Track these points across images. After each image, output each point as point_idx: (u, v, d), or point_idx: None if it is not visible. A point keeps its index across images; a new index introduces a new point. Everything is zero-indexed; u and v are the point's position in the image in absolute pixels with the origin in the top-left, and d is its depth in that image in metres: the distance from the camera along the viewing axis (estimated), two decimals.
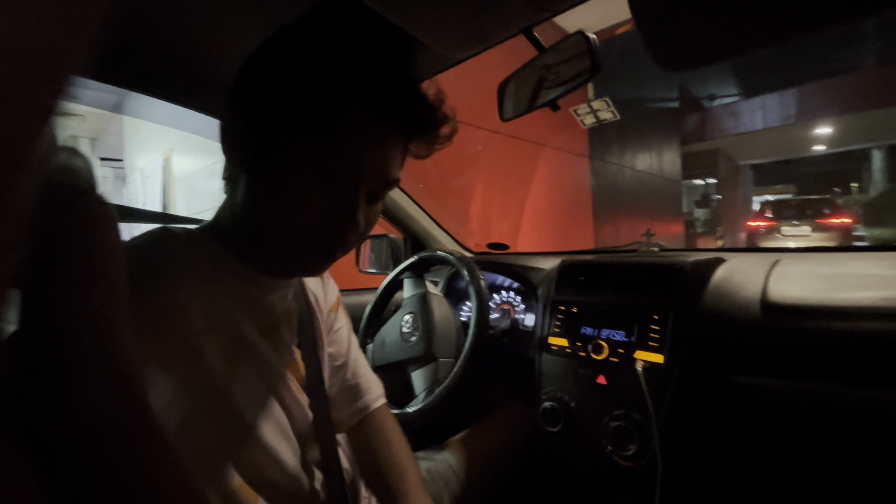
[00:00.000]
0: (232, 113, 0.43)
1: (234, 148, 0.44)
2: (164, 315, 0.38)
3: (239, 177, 0.44)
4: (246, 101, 0.43)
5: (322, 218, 0.42)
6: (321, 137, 0.40)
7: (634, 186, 7.83)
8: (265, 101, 0.41)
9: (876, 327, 0.53)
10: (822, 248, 0.86)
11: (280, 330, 0.50)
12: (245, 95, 0.43)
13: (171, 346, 0.38)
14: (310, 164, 0.40)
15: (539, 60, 0.63)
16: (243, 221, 0.44)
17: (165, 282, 0.38)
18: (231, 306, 0.43)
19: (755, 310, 0.63)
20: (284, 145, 0.41)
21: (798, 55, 14.24)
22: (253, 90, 0.42)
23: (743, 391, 0.59)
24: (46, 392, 0.22)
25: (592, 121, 2.39)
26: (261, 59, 0.43)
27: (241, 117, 0.42)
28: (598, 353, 0.73)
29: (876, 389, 0.51)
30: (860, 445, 0.52)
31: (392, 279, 1.00)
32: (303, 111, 0.40)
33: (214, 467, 0.40)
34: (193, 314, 0.39)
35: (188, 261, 0.42)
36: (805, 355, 0.57)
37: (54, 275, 0.22)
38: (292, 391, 0.49)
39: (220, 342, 0.41)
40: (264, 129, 0.41)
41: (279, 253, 0.44)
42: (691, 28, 0.31)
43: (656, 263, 0.75)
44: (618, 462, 0.68)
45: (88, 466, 0.23)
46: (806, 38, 0.29)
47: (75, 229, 0.23)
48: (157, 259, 0.40)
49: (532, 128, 4.87)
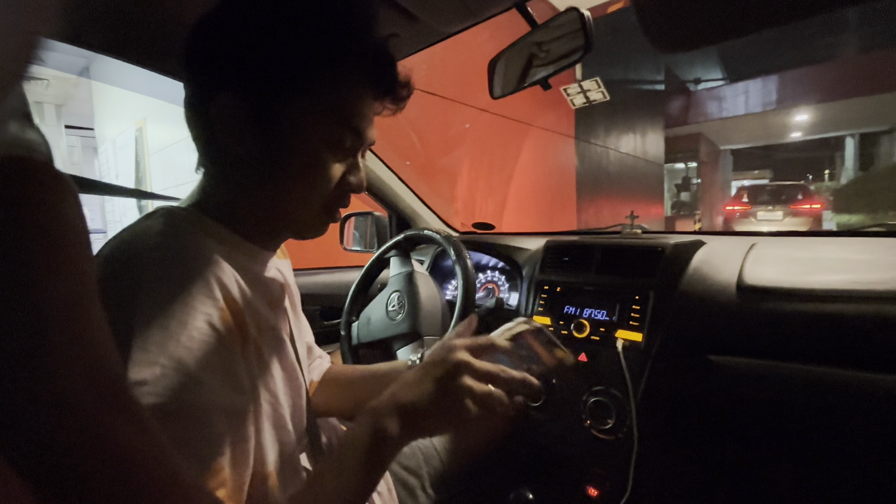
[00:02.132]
0: (215, 91, 0.41)
1: (226, 128, 0.41)
2: (218, 316, 0.36)
3: (228, 156, 0.42)
4: (233, 78, 0.40)
5: (336, 183, 0.44)
6: (323, 109, 0.42)
7: (618, 168, 7.89)
8: (257, 76, 0.40)
9: (844, 310, 0.56)
10: (797, 233, 0.89)
11: (283, 304, 0.51)
12: (230, 71, 0.41)
13: (229, 345, 0.37)
14: (318, 137, 0.42)
15: (531, 37, 0.62)
16: (241, 197, 0.44)
17: (205, 277, 0.37)
18: (246, 285, 0.42)
19: (731, 292, 0.65)
20: (287, 121, 0.41)
21: (782, 41, 14.36)
22: (241, 65, 0.40)
23: (717, 370, 0.62)
24: (12, 373, 0.21)
25: (583, 101, 2.38)
26: (244, 28, 0.40)
27: (230, 96, 0.40)
28: (580, 331, 0.75)
29: (843, 370, 0.54)
30: (828, 423, 0.55)
31: (378, 257, 0.99)
32: (300, 83, 0.40)
33: (242, 453, 0.38)
34: (234, 304, 0.38)
35: (208, 246, 0.40)
36: (778, 336, 0.59)
37: (12, 254, 0.21)
38: (297, 367, 0.49)
39: (252, 324, 0.41)
40: (260, 106, 0.40)
41: (296, 221, 0.46)
42: (688, 9, 0.31)
43: (639, 245, 0.77)
44: (596, 435, 0.71)
45: (61, 452, 0.22)
46: (795, 23, 0.29)
47: (31, 206, 0.22)
48: (188, 252, 0.38)
49: (520, 107, 4.82)
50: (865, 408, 0.52)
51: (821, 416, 0.55)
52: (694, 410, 0.65)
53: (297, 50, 0.40)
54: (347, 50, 0.41)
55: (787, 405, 0.57)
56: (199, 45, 0.42)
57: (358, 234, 1.37)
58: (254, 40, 0.40)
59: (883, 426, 0.51)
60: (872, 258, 0.62)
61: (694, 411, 0.65)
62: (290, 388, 0.47)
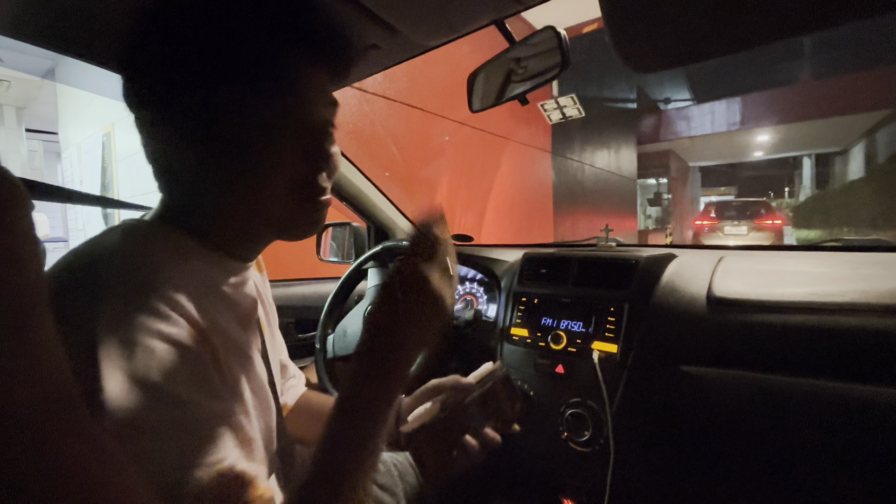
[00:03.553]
0: (166, 97, 0.39)
1: (181, 135, 0.39)
2: (189, 337, 0.34)
3: (186, 162, 0.40)
4: (177, 77, 0.38)
5: (303, 169, 0.41)
6: (275, 99, 0.39)
7: (593, 183, 8.11)
8: (202, 72, 0.37)
9: (806, 321, 0.58)
10: (762, 247, 0.93)
11: (254, 320, 0.48)
12: (173, 71, 0.38)
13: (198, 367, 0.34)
14: (271, 118, 0.39)
15: (509, 53, 0.63)
16: (209, 203, 0.41)
17: (164, 297, 0.34)
18: (213, 302, 0.40)
19: (702, 304, 0.67)
20: (242, 119, 0.38)
21: (744, 66, 15.22)
22: (184, 64, 0.38)
23: (689, 380, 0.63)
24: None
25: (559, 117, 2.44)
26: (186, 26, 0.38)
27: (181, 100, 0.38)
28: (557, 343, 0.76)
29: (807, 379, 0.56)
30: (796, 431, 0.57)
31: (356, 268, 0.98)
32: (251, 73, 0.38)
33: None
34: (196, 324, 0.36)
35: (169, 264, 0.37)
36: (746, 347, 0.61)
37: None
38: (267, 388, 0.47)
39: (219, 343, 0.38)
40: (212, 107, 0.38)
41: (275, 217, 0.43)
42: (659, 31, 0.32)
43: (614, 258, 0.79)
44: (573, 447, 0.71)
45: (7, 469, 0.21)
46: (758, 49, 0.31)
47: None
48: (146, 270, 0.35)
49: (500, 122, 4.90)
50: (828, 416, 0.54)
51: (790, 424, 0.57)
52: (669, 421, 0.66)
53: (236, 37, 0.37)
54: (279, 25, 0.39)
55: (757, 415, 0.59)
56: (140, 47, 0.39)
57: (335, 245, 1.35)
58: (194, 36, 0.37)
59: (845, 433, 0.53)
60: (830, 271, 0.65)
61: (669, 422, 0.66)
62: (260, 409, 0.44)
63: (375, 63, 0.74)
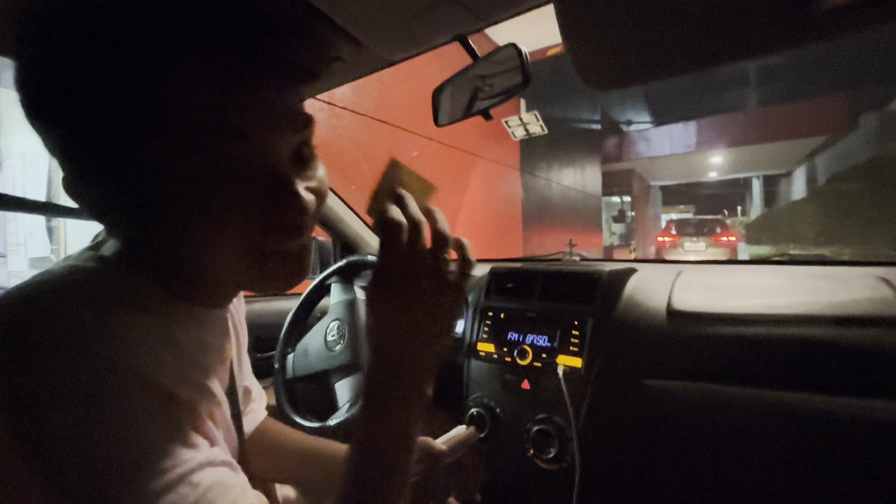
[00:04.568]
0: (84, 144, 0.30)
1: (113, 182, 0.31)
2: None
3: (130, 209, 0.32)
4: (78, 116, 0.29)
5: (259, 219, 0.32)
6: (212, 138, 0.30)
7: (560, 200, 8.34)
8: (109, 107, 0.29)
9: (758, 332, 0.61)
10: (718, 262, 0.96)
11: (223, 359, 0.44)
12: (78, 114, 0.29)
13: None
14: (214, 176, 0.30)
15: (473, 69, 0.64)
16: (161, 252, 0.34)
17: (121, 362, 0.29)
18: (183, 356, 0.35)
19: (662, 317, 0.68)
20: (169, 165, 0.30)
21: (698, 91, 16.26)
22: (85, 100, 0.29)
23: (652, 393, 0.64)
24: None
25: (523, 133, 2.50)
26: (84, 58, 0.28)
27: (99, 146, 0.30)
28: (522, 358, 0.75)
29: (763, 390, 0.58)
30: (756, 442, 0.58)
31: (318, 284, 0.95)
32: (175, 111, 0.29)
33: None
34: (157, 384, 0.31)
35: (120, 321, 0.30)
36: (704, 359, 0.63)
37: None
38: (231, 425, 0.43)
39: (184, 393, 0.33)
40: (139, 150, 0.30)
41: (236, 272, 0.34)
42: (616, 50, 0.33)
43: (577, 272, 0.79)
44: (539, 465, 0.70)
45: None
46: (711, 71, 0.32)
47: None
48: (91, 329, 0.29)
49: (467, 138, 4.98)
50: (786, 426, 0.56)
51: (750, 435, 0.58)
52: (634, 435, 0.66)
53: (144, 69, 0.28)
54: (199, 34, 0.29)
55: (717, 427, 0.60)
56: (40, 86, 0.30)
57: None
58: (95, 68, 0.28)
59: (802, 442, 0.55)
60: (779, 284, 0.68)
61: (634, 436, 0.66)
62: (223, 447, 0.41)
63: (339, 76, 0.73)
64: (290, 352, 0.90)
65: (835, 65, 12.21)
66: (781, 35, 0.26)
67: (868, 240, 7.11)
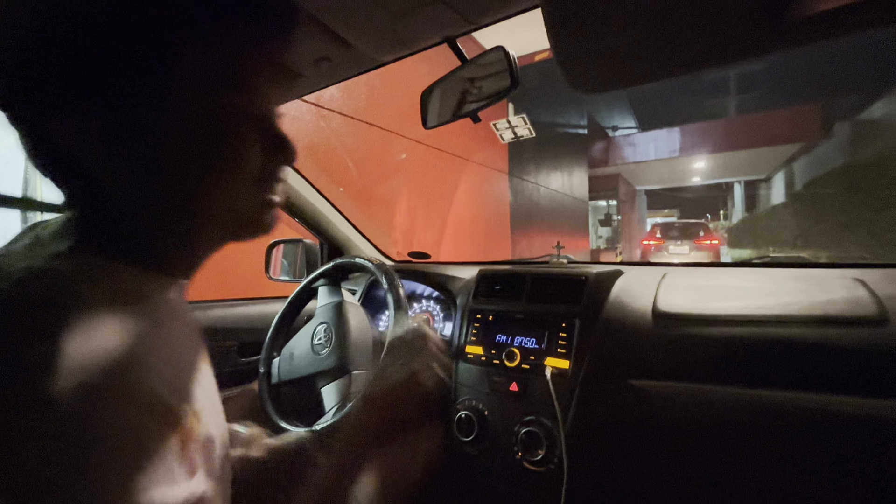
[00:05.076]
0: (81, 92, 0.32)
1: (107, 137, 0.33)
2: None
3: (111, 176, 0.34)
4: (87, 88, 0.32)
5: (260, 159, 0.37)
6: (223, 86, 0.34)
7: (548, 204, 8.42)
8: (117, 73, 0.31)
9: (740, 332, 0.62)
10: (701, 264, 0.98)
11: (196, 332, 0.42)
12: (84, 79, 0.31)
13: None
14: (226, 120, 0.34)
15: (461, 72, 0.64)
16: (146, 216, 0.35)
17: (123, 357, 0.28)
18: (170, 334, 0.34)
19: (648, 318, 0.69)
20: (182, 113, 0.33)
21: (682, 98, 16.62)
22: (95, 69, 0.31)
23: (639, 394, 0.65)
24: None
25: (511, 136, 2.53)
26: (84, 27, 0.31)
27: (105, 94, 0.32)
28: (511, 360, 0.75)
29: (746, 389, 0.59)
30: (741, 440, 0.59)
31: (305, 287, 0.93)
32: (188, 60, 0.32)
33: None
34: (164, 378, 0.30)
35: (121, 310, 0.30)
36: (689, 359, 0.64)
37: None
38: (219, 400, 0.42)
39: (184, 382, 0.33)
40: (149, 101, 0.32)
41: (227, 215, 0.37)
42: (602, 53, 0.33)
43: (565, 274, 0.80)
44: (527, 467, 0.70)
45: None
46: (694, 75, 0.33)
47: None
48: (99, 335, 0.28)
49: (456, 142, 5.00)
50: (770, 424, 0.57)
51: (736, 434, 0.59)
52: (621, 436, 0.67)
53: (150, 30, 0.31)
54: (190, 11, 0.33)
55: (703, 425, 0.61)
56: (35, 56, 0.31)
57: (287, 263, 1.29)
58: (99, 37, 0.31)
59: (784, 438, 0.56)
60: (759, 286, 0.69)
61: (621, 436, 0.67)
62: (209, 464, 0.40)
63: (326, 76, 0.72)
64: (276, 356, 0.89)
65: (811, 74, 12.63)
66: (762, 41, 0.26)
67: (842, 242, 7.34)
